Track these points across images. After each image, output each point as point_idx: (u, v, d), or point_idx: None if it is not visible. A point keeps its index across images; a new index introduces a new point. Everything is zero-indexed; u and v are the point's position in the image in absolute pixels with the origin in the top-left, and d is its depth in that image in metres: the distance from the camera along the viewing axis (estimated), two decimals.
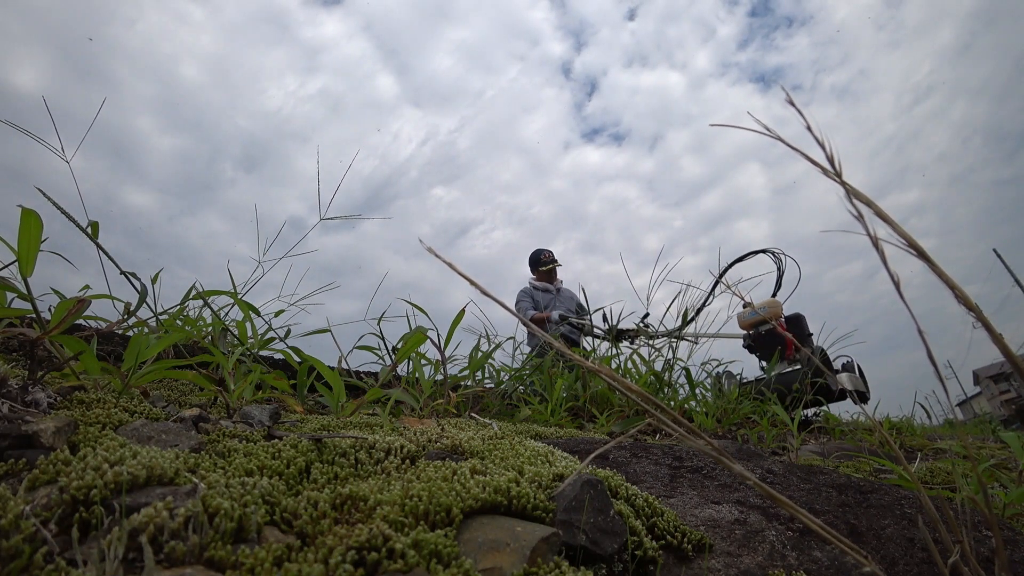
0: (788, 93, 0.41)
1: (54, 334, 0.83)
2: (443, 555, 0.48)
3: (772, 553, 0.70)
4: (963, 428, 4.12)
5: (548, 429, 1.56)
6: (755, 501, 0.87)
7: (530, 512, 0.60)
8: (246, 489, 0.53)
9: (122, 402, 0.87)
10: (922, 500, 0.50)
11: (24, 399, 0.75)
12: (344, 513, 0.55)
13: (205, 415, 0.86)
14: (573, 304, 4.84)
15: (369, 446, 0.76)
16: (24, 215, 0.81)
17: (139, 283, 1.15)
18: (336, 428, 1.01)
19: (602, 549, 0.58)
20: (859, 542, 0.77)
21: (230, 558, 0.43)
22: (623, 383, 0.49)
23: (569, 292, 4.95)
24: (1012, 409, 17.83)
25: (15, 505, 0.44)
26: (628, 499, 0.72)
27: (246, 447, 0.70)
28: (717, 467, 1.05)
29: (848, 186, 0.41)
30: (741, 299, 3.32)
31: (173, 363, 1.04)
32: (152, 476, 0.53)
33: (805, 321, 4.18)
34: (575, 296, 4.92)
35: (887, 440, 0.53)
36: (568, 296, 4.91)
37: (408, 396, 1.32)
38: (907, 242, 0.40)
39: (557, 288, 4.88)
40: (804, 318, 4.20)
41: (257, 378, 1.17)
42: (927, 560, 0.71)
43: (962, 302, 0.40)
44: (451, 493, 0.58)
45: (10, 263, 1.05)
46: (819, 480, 1.04)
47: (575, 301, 4.86)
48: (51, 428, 0.61)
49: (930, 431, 3.30)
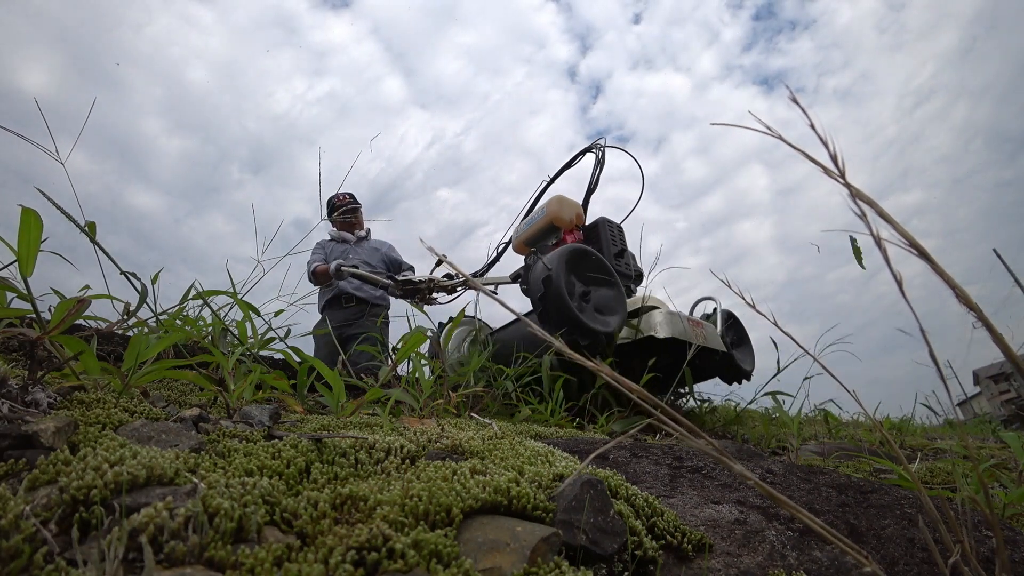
0: (792, 92, 0.41)
1: (54, 334, 0.83)
2: (443, 555, 0.48)
3: (772, 553, 0.70)
4: (963, 428, 3.96)
5: (548, 429, 1.56)
6: (755, 501, 0.87)
7: (530, 512, 0.60)
8: (246, 489, 0.53)
9: (122, 402, 0.87)
10: (922, 500, 0.50)
11: (24, 399, 0.75)
12: (344, 513, 0.55)
13: (205, 415, 0.86)
14: (377, 258, 3.99)
15: (369, 446, 0.76)
16: (24, 215, 0.81)
17: (139, 283, 1.15)
18: (336, 428, 1.01)
19: (602, 549, 0.58)
20: (859, 542, 0.77)
21: (230, 558, 0.43)
22: (623, 382, 0.49)
23: (378, 244, 4.12)
24: (1012, 409, 17.84)
25: (15, 505, 0.44)
26: (628, 499, 0.72)
27: (246, 447, 0.70)
28: (717, 467, 1.05)
29: (851, 187, 0.41)
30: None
31: (173, 363, 1.04)
32: (152, 476, 0.52)
33: (617, 231, 2.86)
34: (385, 249, 4.08)
35: (887, 440, 0.53)
36: (372, 248, 4.05)
37: (408, 396, 1.32)
38: (909, 242, 0.40)
39: (359, 238, 4.07)
40: (619, 228, 2.88)
41: (257, 378, 1.17)
42: (927, 560, 0.71)
43: (963, 302, 0.40)
44: (451, 493, 0.58)
45: (10, 263, 1.05)
46: (819, 480, 1.04)
47: (381, 255, 4.04)
48: (51, 428, 0.61)
49: (930, 431, 3.28)
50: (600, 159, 3.00)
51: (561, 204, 2.78)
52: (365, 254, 3.98)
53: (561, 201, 2.79)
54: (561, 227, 2.77)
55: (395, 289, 2.87)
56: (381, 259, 4.01)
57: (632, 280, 2.75)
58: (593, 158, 3.02)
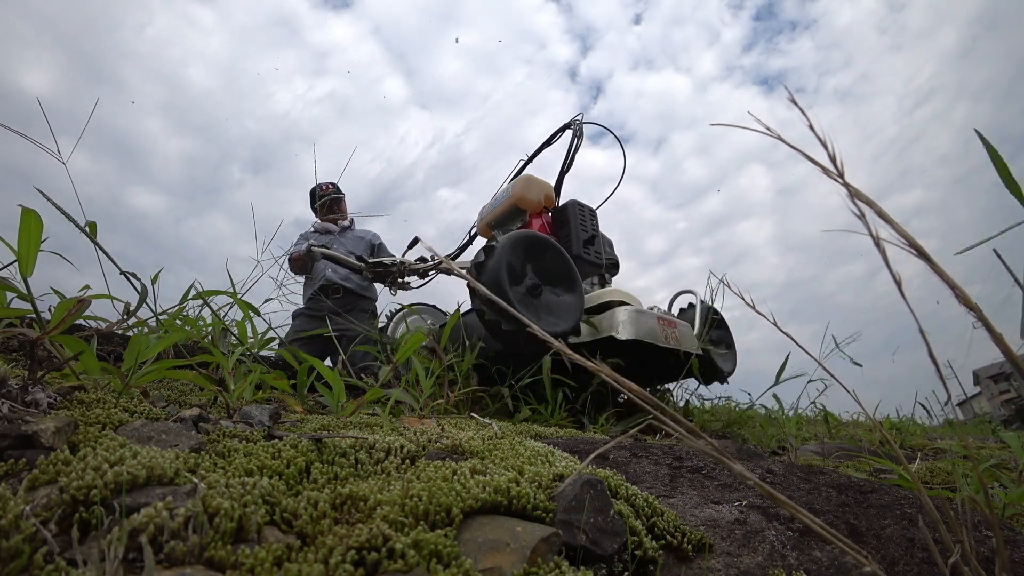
0: (791, 93, 0.41)
1: (54, 334, 0.83)
2: (443, 555, 0.48)
3: (772, 553, 0.70)
4: (963, 428, 3.92)
5: (548, 429, 1.56)
6: (755, 501, 0.87)
7: (530, 512, 0.60)
8: (246, 489, 0.53)
9: (122, 402, 0.87)
10: (922, 500, 0.50)
11: (24, 399, 0.75)
12: (344, 513, 0.55)
13: (205, 415, 0.86)
14: (362, 247, 3.82)
15: (369, 446, 0.76)
16: (24, 215, 0.81)
17: (139, 283, 1.15)
18: (336, 428, 1.01)
19: (602, 549, 0.58)
20: (859, 542, 0.77)
21: (230, 558, 0.43)
22: (623, 382, 0.49)
23: (363, 233, 3.98)
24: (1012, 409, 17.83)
25: (15, 505, 0.44)
26: (628, 499, 0.72)
27: (246, 447, 0.70)
28: (717, 467, 1.05)
29: (850, 186, 0.41)
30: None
31: (173, 363, 1.04)
32: (152, 476, 0.52)
33: (589, 215, 2.51)
34: (369, 238, 3.94)
35: (887, 440, 0.53)
36: (356, 238, 3.92)
37: (408, 396, 1.32)
38: (908, 242, 0.40)
39: (343, 228, 3.94)
40: (591, 211, 2.55)
41: (257, 378, 1.17)
42: (927, 560, 0.71)
43: (962, 302, 0.40)
44: (451, 493, 0.58)
45: (10, 263, 1.05)
46: (819, 480, 1.04)
47: (366, 243, 3.88)
48: (51, 428, 0.61)
49: (930, 431, 3.28)
50: (577, 136, 2.71)
51: (528, 184, 2.50)
52: (349, 244, 3.83)
53: (528, 181, 2.52)
54: (527, 209, 2.50)
55: (366, 272, 2.71)
56: (366, 248, 3.86)
57: (603, 269, 2.50)
58: (571, 136, 2.76)
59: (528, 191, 2.49)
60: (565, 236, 2.40)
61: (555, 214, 2.54)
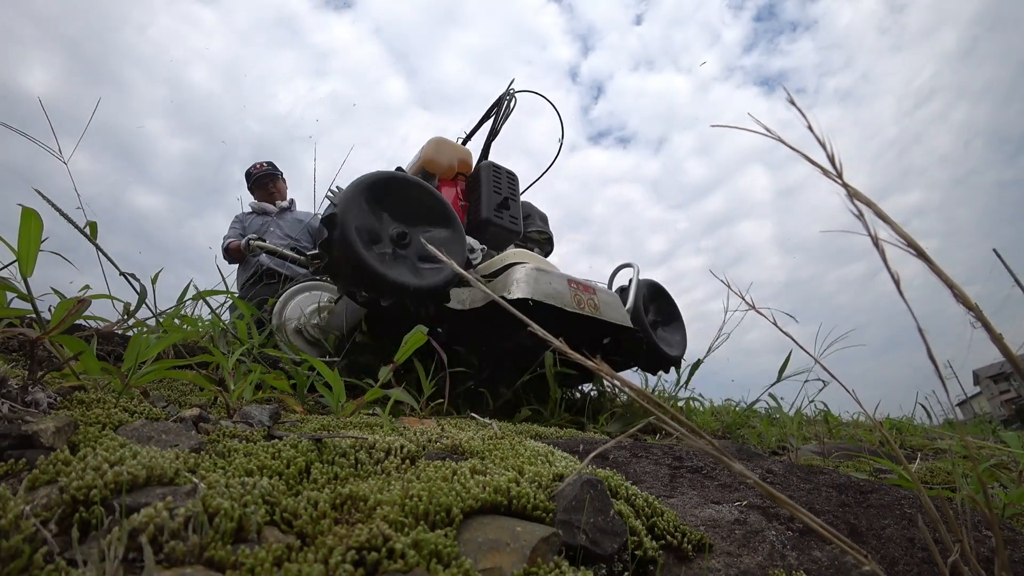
0: (790, 94, 0.41)
1: (54, 334, 0.83)
2: (443, 555, 0.48)
3: (772, 553, 0.70)
4: (963, 428, 3.94)
5: (548, 429, 1.56)
6: (755, 501, 0.87)
7: (530, 512, 0.60)
8: (246, 489, 0.53)
9: (122, 402, 0.87)
10: (922, 500, 0.50)
11: (24, 399, 0.75)
12: (344, 513, 0.55)
13: (205, 415, 0.86)
14: (299, 230, 3.61)
15: (369, 446, 0.76)
16: (24, 214, 0.81)
17: (139, 284, 1.15)
18: (336, 428, 1.01)
19: (602, 549, 0.58)
20: (859, 542, 0.77)
21: (230, 558, 0.43)
22: (623, 381, 0.49)
23: (303, 215, 3.75)
24: (1012, 409, 17.82)
25: (15, 505, 0.44)
26: (628, 499, 0.72)
27: (246, 447, 0.70)
28: (717, 467, 1.05)
29: (849, 187, 0.41)
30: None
31: (173, 363, 1.04)
32: (152, 476, 0.53)
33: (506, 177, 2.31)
34: (310, 220, 3.68)
35: (887, 439, 0.53)
36: (295, 220, 3.69)
37: (408, 396, 1.32)
38: (907, 242, 0.40)
39: (281, 209, 3.71)
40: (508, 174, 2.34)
41: (257, 378, 1.17)
42: (927, 560, 0.71)
43: (961, 302, 0.40)
44: (451, 493, 0.58)
45: (10, 263, 1.05)
46: (819, 480, 1.04)
47: (305, 226, 3.65)
48: (51, 428, 0.61)
49: (930, 431, 3.28)
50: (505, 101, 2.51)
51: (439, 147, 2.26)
52: (287, 226, 3.60)
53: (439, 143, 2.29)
54: (435, 173, 2.26)
55: (308, 264, 2.48)
56: (305, 230, 3.64)
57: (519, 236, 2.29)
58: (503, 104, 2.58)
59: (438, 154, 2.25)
60: (476, 199, 2.20)
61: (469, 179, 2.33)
